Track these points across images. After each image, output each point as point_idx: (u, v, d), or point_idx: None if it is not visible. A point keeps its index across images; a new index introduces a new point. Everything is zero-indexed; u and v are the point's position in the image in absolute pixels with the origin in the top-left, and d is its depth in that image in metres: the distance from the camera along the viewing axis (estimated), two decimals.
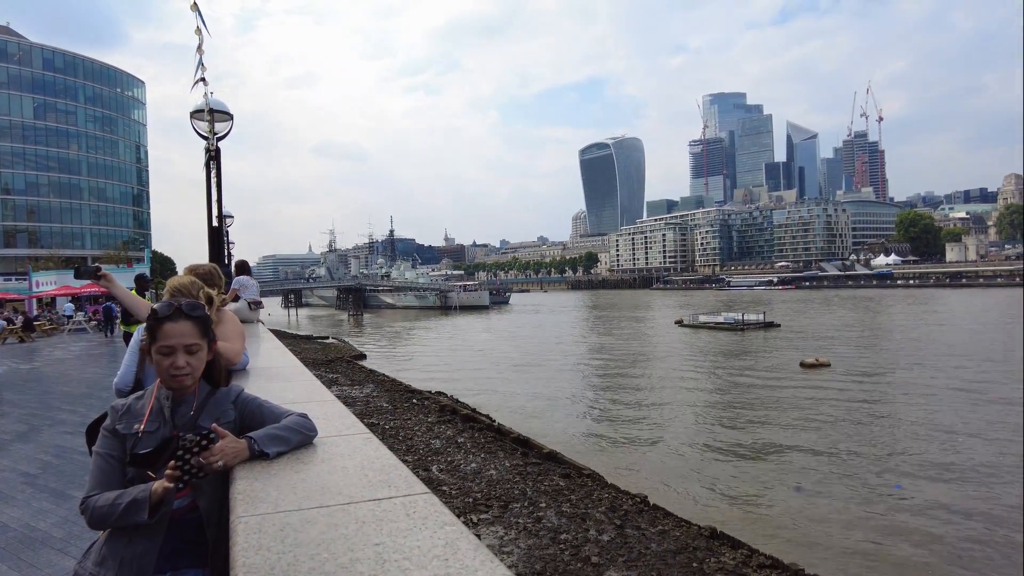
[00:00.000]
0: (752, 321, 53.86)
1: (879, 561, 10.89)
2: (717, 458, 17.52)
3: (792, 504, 13.85)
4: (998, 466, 15.79)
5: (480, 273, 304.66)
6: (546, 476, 11.73)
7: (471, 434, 14.96)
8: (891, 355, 37.32)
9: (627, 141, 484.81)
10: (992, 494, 13.98)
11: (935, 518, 12.69)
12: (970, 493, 14.08)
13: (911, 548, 11.35)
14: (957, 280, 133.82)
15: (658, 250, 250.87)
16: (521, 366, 36.54)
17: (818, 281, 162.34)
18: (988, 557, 11.02)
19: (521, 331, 63.44)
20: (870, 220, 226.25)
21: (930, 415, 21.33)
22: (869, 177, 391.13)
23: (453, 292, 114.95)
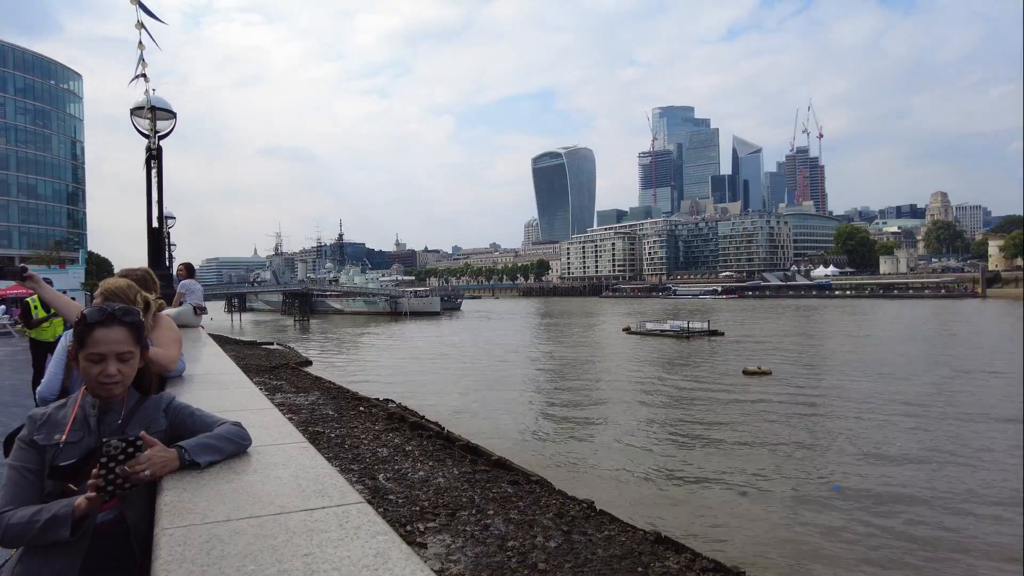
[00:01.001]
0: (697, 329, 55.10)
1: (820, 562, 11.24)
2: (662, 464, 17.81)
3: (735, 508, 14.18)
4: (930, 466, 16.54)
5: (432, 279, 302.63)
6: (494, 483, 11.70)
7: (419, 442, 14.80)
8: (829, 363, 38.73)
9: (579, 151, 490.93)
10: (926, 495, 14.62)
11: (873, 519, 13.18)
12: (905, 494, 14.68)
13: (849, 548, 11.74)
14: (890, 291, 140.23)
15: (608, 258, 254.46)
16: (472, 373, 36.40)
17: (761, 291, 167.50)
18: (924, 556, 11.51)
19: (472, 338, 63.27)
20: (810, 232, 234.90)
21: (866, 421, 22.19)
22: (810, 191, 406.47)
23: (403, 298, 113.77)
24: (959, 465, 16.74)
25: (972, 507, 13.82)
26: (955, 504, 14.00)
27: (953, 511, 13.59)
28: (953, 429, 20.62)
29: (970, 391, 27.45)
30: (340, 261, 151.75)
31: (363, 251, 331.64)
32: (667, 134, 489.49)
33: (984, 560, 11.34)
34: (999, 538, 12.22)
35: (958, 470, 16.33)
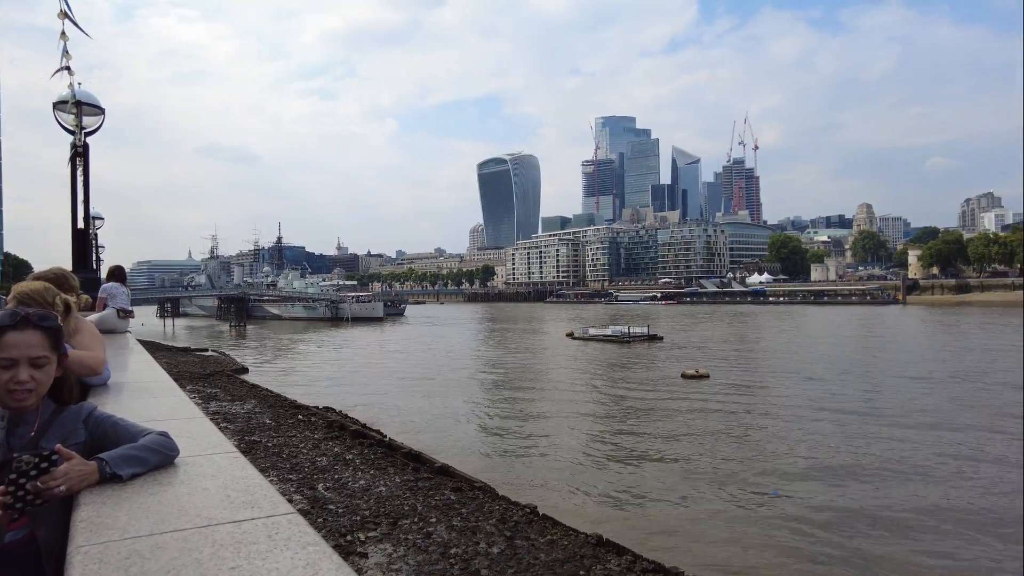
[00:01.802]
0: (638, 334, 56.17)
1: (759, 564, 11.58)
2: (604, 467, 18.05)
3: (676, 510, 14.48)
4: (863, 469, 17.31)
5: (374, 284, 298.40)
6: (437, 491, 11.60)
7: (360, 450, 14.54)
8: (764, 367, 40.12)
9: (524, 158, 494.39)
10: (860, 495, 15.29)
11: (810, 522, 13.64)
12: (841, 495, 15.29)
13: (788, 551, 12.13)
14: (820, 298, 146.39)
15: (552, 264, 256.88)
16: (415, 379, 36.04)
17: (698, 297, 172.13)
18: (859, 557, 12.00)
19: (416, 344, 62.68)
20: (746, 241, 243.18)
21: (800, 423, 23.06)
22: (746, 201, 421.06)
23: (345, 303, 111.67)
24: (890, 469, 17.57)
25: (904, 508, 14.51)
26: (888, 504, 14.68)
27: (886, 511, 14.25)
28: (880, 432, 21.64)
29: (894, 395, 28.89)
30: (279, 265, 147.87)
31: (303, 255, 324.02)
32: (609, 143, 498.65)
33: (921, 558, 11.95)
34: (933, 539, 12.89)
35: (889, 472, 17.14)
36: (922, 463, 17.54)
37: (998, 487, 15.43)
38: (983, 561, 11.61)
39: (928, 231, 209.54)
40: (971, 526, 13.10)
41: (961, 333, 62.33)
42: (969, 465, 17.24)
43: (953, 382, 31.45)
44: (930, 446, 19.29)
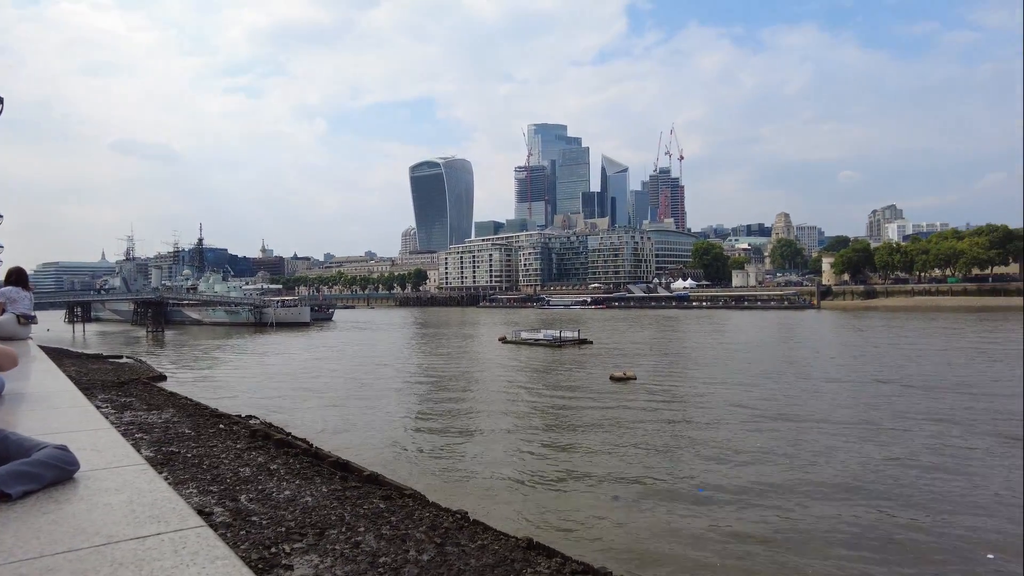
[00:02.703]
0: (568, 338, 56.99)
1: (687, 562, 11.90)
2: (535, 470, 18.18)
3: (606, 510, 14.73)
4: (782, 466, 18.09)
5: (301, 288, 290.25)
6: (366, 499, 11.38)
7: (285, 460, 14.09)
8: (689, 369, 41.42)
9: (457, 162, 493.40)
10: (781, 491, 15.96)
11: (735, 518, 14.14)
12: (763, 492, 15.92)
13: (714, 549, 12.53)
14: (741, 303, 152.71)
15: (485, 269, 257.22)
16: (344, 387, 35.28)
17: (626, 302, 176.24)
18: (783, 551, 12.51)
19: (345, 349, 61.35)
20: (671, 248, 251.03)
21: (724, 424, 23.92)
22: (671, 209, 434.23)
23: (269, 307, 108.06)
24: (807, 464, 18.45)
25: (823, 504, 15.25)
26: (807, 502, 15.39)
27: (805, 508, 14.94)
28: (798, 432, 22.69)
29: (810, 397, 30.38)
30: (200, 268, 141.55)
31: (226, 257, 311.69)
32: (542, 150, 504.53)
33: (841, 549, 12.58)
34: (850, 529, 13.59)
35: (807, 469, 17.98)
36: (835, 462, 18.52)
37: (902, 480, 16.48)
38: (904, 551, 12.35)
39: (840, 240, 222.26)
40: (879, 518, 13.93)
41: (868, 336, 66.33)
42: (879, 463, 18.32)
43: (863, 384, 33.39)
44: (843, 446, 20.40)
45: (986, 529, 13.19)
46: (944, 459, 18.31)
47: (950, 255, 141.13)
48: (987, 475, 16.81)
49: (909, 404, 26.76)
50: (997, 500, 14.89)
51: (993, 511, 14.18)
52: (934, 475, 16.84)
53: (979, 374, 35.76)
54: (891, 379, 34.08)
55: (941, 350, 49.44)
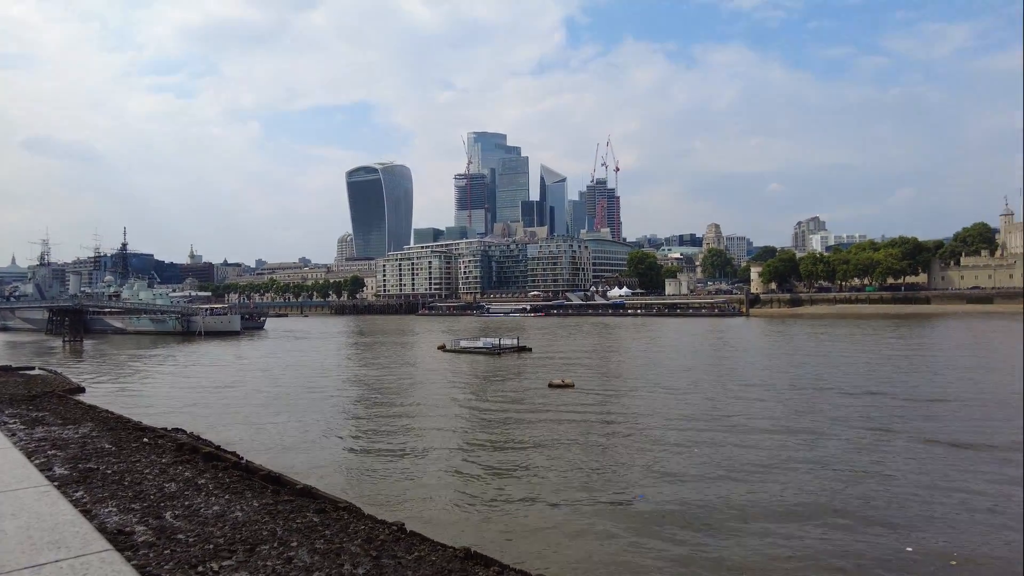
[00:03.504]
0: (508, 346, 57.22)
1: (627, 569, 12.10)
2: (474, 479, 18.15)
3: (546, 518, 14.83)
4: (718, 471, 18.65)
5: (231, 295, 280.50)
6: (299, 513, 11.11)
7: (214, 474, 13.60)
8: (625, 376, 42.26)
9: (396, 168, 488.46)
10: (721, 497, 16.45)
11: (675, 523, 14.42)
12: (702, 498, 16.34)
13: (655, 554, 12.79)
14: (674, 310, 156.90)
15: (424, 276, 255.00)
16: (276, 397, 34.32)
17: (564, 309, 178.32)
18: (724, 556, 12.88)
19: (277, 359, 59.65)
20: (607, 257, 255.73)
21: (660, 429, 24.47)
22: (607, 219, 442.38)
23: (198, 316, 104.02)
24: (740, 469, 19.08)
25: (758, 509, 15.80)
26: (743, 506, 15.92)
27: (741, 513, 15.45)
28: (731, 438, 23.45)
29: (741, 402, 31.48)
30: (123, 274, 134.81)
31: (151, 263, 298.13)
32: (481, 158, 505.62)
33: (777, 549, 13.05)
34: (782, 530, 14.13)
35: (740, 475, 18.60)
36: (767, 464, 19.25)
37: (830, 483, 17.29)
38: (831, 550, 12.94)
39: (767, 250, 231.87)
40: (807, 516, 14.58)
41: (795, 343, 69.29)
42: (808, 465, 19.16)
43: (790, 390, 34.83)
44: (773, 448, 21.23)
45: (908, 527, 14.01)
46: (864, 458, 19.33)
47: (868, 265, 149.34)
48: (909, 476, 17.83)
49: (835, 409, 28.12)
50: (917, 499, 15.83)
51: (909, 510, 15.07)
52: (859, 478, 17.75)
53: (900, 381, 37.93)
54: (815, 385, 35.72)
55: (863, 357, 52.17)
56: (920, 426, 23.69)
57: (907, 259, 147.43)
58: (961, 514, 14.49)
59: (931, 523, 14.02)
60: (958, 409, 26.95)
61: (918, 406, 28.00)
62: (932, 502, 15.27)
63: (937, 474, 17.59)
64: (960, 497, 15.58)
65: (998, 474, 17.54)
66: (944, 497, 15.58)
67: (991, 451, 19.97)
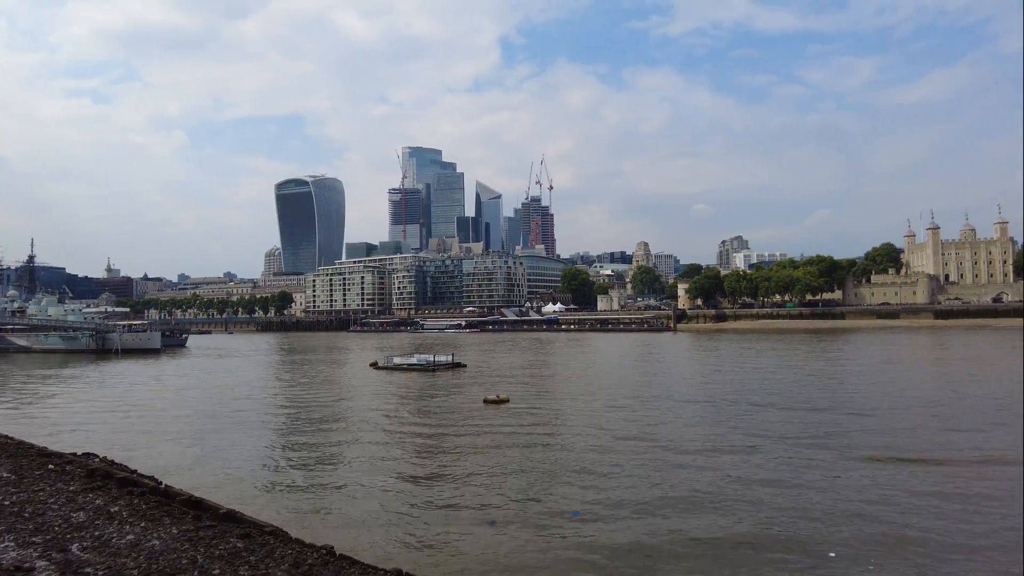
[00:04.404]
0: (442, 362, 56.75)
1: None
2: (407, 498, 17.81)
3: (481, 536, 14.68)
4: (650, 487, 18.96)
5: (152, 311, 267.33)
6: (222, 539, 10.60)
7: (129, 500, 12.82)
8: (559, 391, 42.61)
9: (328, 181, 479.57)
10: (652, 510, 16.69)
11: (607, 537, 14.56)
12: (634, 510, 16.56)
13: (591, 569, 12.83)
14: (606, 326, 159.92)
15: (356, 292, 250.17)
16: (199, 418, 32.82)
17: (500, 325, 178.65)
18: (657, 570, 13.04)
19: (200, 378, 57.09)
20: (542, 273, 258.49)
21: (594, 443, 24.74)
22: (542, 236, 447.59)
23: (114, 333, 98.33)
24: (669, 481, 19.48)
25: (686, 518, 16.13)
26: (673, 517, 16.22)
27: (670, 523, 15.74)
28: (658, 452, 23.94)
29: (668, 416, 32.23)
30: (30, 288, 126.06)
31: (63, 277, 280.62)
32: (416, 173, 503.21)
33: (703, 561, 13.32)
34: (711, 537, 14.46)
35: (669, 486, 18.98)
36: (696, 478, 19.75)
37: (757, 494, 17.88)
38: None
39: (693, 268, 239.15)
40: (738, 527, 15.02)
41: (720, 358, 71.70)
42: (736, 478, 19.77)
43: (717, 404, 35.95)
44: (703, 462, 21.81)
45: (826, 532, 14.63)
46: (789, 471, 20.12)
47: (788, 282, 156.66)
48: (827, 486, 18.66)
49: (756, 423, 29.19)
50: (838, 507, 16.57)
51: (832, 516, 15.76)
52: (782, 487, 18.44)
53: (820, 393, 39.75)
54: (741, 400, 37.00)
55: (785, 373, 54.45)
56: (841, 439, 24.79)
57: (824, 277, 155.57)
58: (878, 521, 15.27)
59: (851, 530, 14.69)
60: (874, 422, 28.37)
61: (839, 419, 29.31)
62: (854, 511, 16.01)
63: (859, 483, 18.50)
64: (879, 505, 16.42)
65: (912, 482, 18.62)
66: (864, 506, 16.36)
67: (910, 462, 21.16)
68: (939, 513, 15.57)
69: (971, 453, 21.65)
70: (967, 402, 33.03)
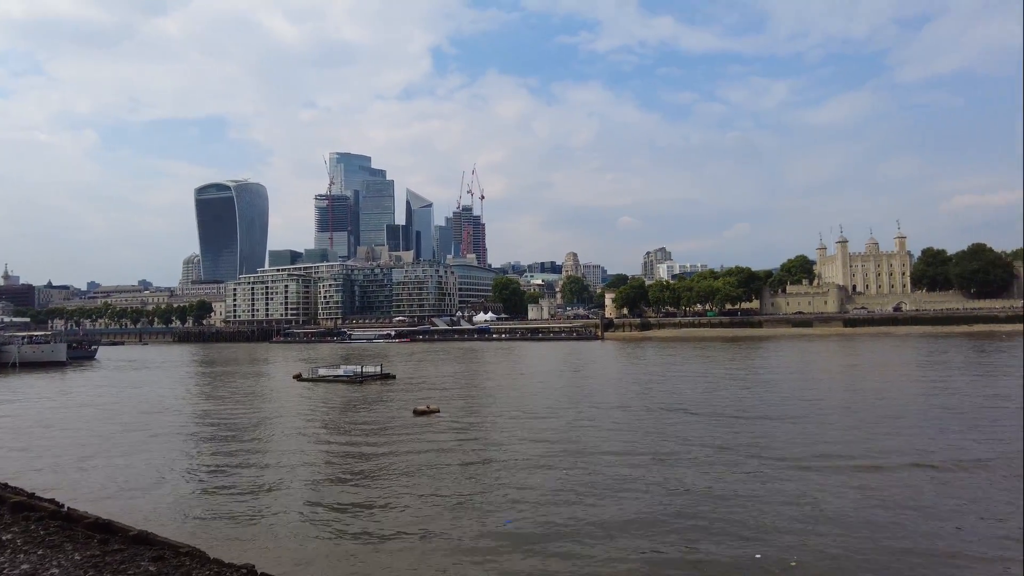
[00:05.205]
0: (371, 373, 55.66)
1: None
2: (332, 514, 17.29)
3: (413, 549, 14.41)
4: (578, 494, 19.11)
5: (57, 321, 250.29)
6: (132, 563, 9.96)
7: (25, 526, 11.87)
8: (490, 401, 42.54)
9: (251, 186, 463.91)
10: (581, 516, 16.81)
11: (539, 547, 14.57)
12: (566, 519, 16.63)
13: None
14: (536, 335, 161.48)
15: (280, 301, 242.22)
16: (108, 437, 30.92)
17: (430, 335, 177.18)
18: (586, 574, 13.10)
19: (111, 393, 53.79)
20: (473, 282, 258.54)
21: (524, 452, 24.79)
22: (473, 245, 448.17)
23: (12, 344, 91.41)
24: (595, 489, 19.72)
25: (617, 530, 16.33)
26: (600, 524, 16.39)
27: (601, 532, 15.90)
28: (587, 461, 24.24)
29: (595, 426, 32.72)
30: None
31: None
32: (344, 180, 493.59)
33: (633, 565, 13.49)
34: (636, 543, 14.67)
35: (596, 495, 19.20)
36: (623, 484, 20.09)
37: (680, 498, 18.34)
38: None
39: (620, 278, 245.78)
40: (663, 532, 15.35)
41: (645, 365, 73.60)
42: (661, 484, 20.22)
43: (642, 412, 36.81)
44: (628, 468, 22.23)
45: (751, 535, 15.16)
46: (710, 475, 20.78)
47: (709, 292, 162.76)
48: (750, 490, 19.36)
49: (679, 429, 30.04)
50: (764, 511, 17.20)
51: (756, 519, 16.35)
52: (707, 492, 19.02)
53: (741, 400, 41.32)
54: (665, 406, 38.03)
55: (706, 377, 56.38)
56: (761, 442, 25.84)
57: (742, 287, 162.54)
58: (800, 522, 15.95)
59: (775, 531, 15.28)
60: (793, 426, 29.68)
61: (757, 424, 30.56)
62: (776, 513, 16.68)
63: (781, 487, 19.30)
64: (800, 507, 17.18)
65: (832, 485, 19.58)
66: (787, 508, 17.06)
67: (825, 466, 22.25)
68: (859, 513, 16.42)
69: (890, 456, 22.86)
70: (882, 408, 35.11)
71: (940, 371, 54.00)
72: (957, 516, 15.99)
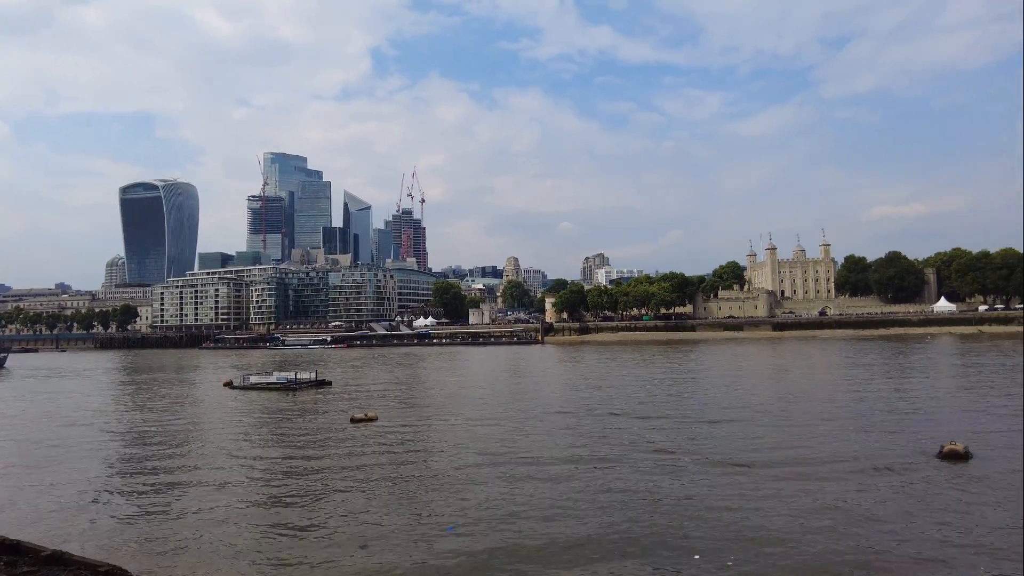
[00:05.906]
0: (305, 380, 54.31)
1: None
2: (264, 529, 16.77)
3: (349, 566, 14.12)
4: (518, 501, 19.16)
5: None
6: None
7: None
8: (429, 407, 42.17)
9: (180, 186, 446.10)
10: (523, 523, 16.83)
11: (484, 553, 14.52)
12: (509, 524, 16.63)
13: None
14: (477, 339, 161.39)
15: (210, 306, 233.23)
16: (17, 452, 29.15)
17: (369, 340, 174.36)
18: None
19: (22, 405, 50.57)
20: (413, 287, 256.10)
21: (464, 459, 24.69)
22: (413, 249, 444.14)
23: None
24: (540, 497, 19.83)
25: (561, 535, 16.45)
26: (546, 532, 16.48)
27: (544, 537, 15.98)
28: (531, 468, 24.36)
29: (535, 430, 32.95)
30: None
31: None
32: (279, 180, 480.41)
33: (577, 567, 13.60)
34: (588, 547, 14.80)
35: (539, 502, 19.31)
36: (565, 488, 20.30)
37: (622, 503, 18.67)
38: None
39: (560, 283, 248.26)
40: (606, 537, 15.58)
41: (584, 369, 74.58)
42: (602, 488, 20.52)
43: (582, 417, 37.23)
44: (571, 474, 22.47)
45: (689, 535, 15.56)
46: (653, 480, 21.24)
47: (645, 297, 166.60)
48: (686, 492, 19.87)
49: (616, 432, 30.57)
50: (704, 516, 17.67)
51: (694, 520, 16.80)
52: (643, 495, 19.42)
53: (676, 402, 42.39)
54: (601, 409, 38.62)
55: (642, 380, 57.62)
56: (699, 446, 26.40)
57: (676, 292, 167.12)
58: (736, 523, 16.50)
59: (712, 532, 15.74)
60: (730, 430, 30.51)
61: (695, 427, 31.22)
62: (714, 516, 17.19)
63: (718, 489, 19.89)
64: (735, 511, 17.76)
65: (768, 486, 20.32)
66: (725, 514, 17.56)
67: (761, 467, 23.06)
68: (792, 513, 17.06)
69: (822, 457, 23.76)
70: (812, 409, 36.66)
71: (864, 372, 57.05)
72: (904, 517, 16.71)
